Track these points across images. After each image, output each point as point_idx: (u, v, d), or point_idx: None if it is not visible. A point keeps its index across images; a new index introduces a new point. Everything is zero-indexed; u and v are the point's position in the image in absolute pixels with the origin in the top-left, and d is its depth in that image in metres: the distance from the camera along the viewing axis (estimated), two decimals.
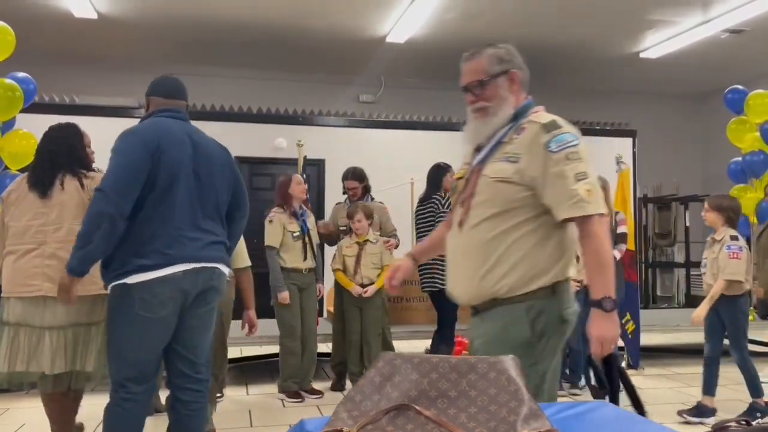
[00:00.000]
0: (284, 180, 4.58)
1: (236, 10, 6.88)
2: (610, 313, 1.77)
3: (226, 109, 7.98)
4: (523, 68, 2.12)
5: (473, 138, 2.08)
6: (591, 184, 1.83)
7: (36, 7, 6.71)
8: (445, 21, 7.15)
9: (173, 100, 2.67)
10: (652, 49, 8.18)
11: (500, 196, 1.89)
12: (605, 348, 1.78)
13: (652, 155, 9.10)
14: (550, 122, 1.93)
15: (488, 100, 2.03)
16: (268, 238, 4.40)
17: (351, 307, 4.58)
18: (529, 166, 1.87)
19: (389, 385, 1.53)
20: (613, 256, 4.72)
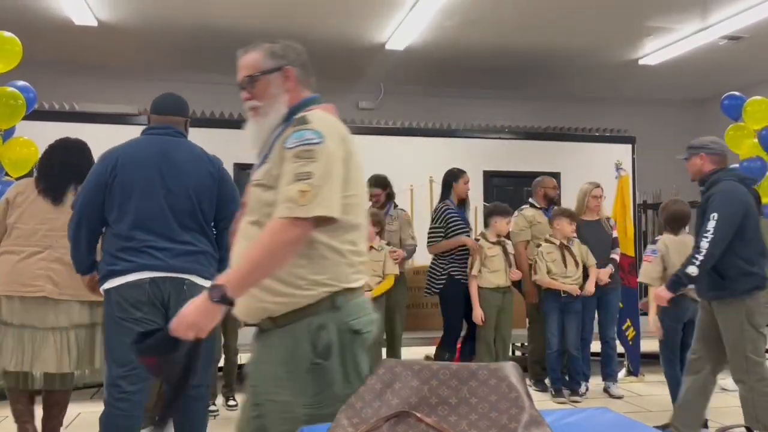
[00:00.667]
0: None
1: (235, 18, 6.90)
2: (214, 304, 1.58)
3: (225, 116, 7.98)
4: (303, 65, 1.94)
5: (252, 139, 1.91)
6: (310, 185, 1.61)
7: (36, 15, 6.73)
8: (444, 28, 7.18)
9: (164, 116, 2.85)
10: (651, 56, 8.20)
11: (257, 202, 1.74)
12: (184, 332, 1.58)
13: (651, 161, 9.10)
14: (301, 118, 1.74)
15: (260, 98, 1.86)
16: None
17: None
18: (273, 166, 1.72)
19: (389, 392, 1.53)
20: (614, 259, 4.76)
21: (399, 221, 4.90)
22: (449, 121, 8.82)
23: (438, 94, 9.57)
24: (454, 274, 4.76)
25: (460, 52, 8.01)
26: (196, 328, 1.58)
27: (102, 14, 6.80)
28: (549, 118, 9.55)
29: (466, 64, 8.50)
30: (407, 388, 1.47)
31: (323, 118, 1.76)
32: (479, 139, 7.82)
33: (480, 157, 7.36)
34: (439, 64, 8.53)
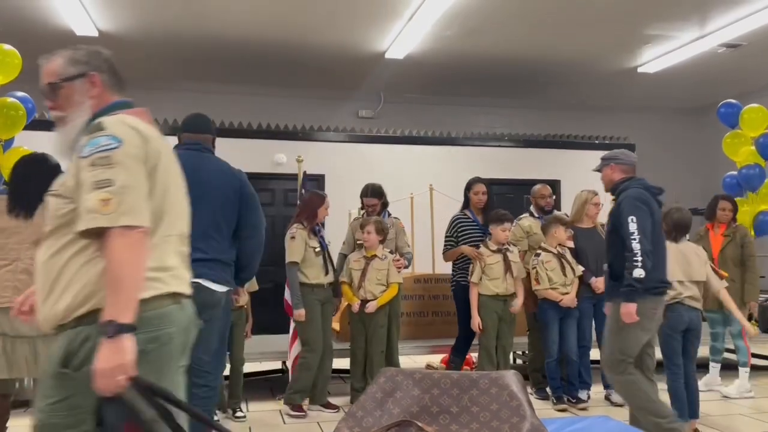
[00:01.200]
0: (315, 198, 4.55)
1: (236, 28, 6.93)
2: (114, 339, 1.50)
3: (226, 125, 8.01)
4: (111, 69, 1.86)
5: (59, 150, 1.84)
6: (112, 192, 1.56)
7: (37, 25, 6.76)
8: (443, 37, 7.21)
9: (195, 134, 3.11)
10: (649, 64, 8.23)
11: (53, 212, 1.70)
12: (108, 383, 1.49)
13: (651, 169, 9.09)
14: (96, 124, 1.67)
15: (62, 107, 1.79)
16: (292, 254, 4.36)
17: (356, 322, 4.57)
18: (69, 176, 1.67)
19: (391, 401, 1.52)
20: None
21: (394, 229, 4.92)
22: (449, 129, 8.85)
23: (438, 103, 9.59)
24: (460, 281, 4.86)
25: (460, 60, 8.04)
26: (118, 371, 1.51)
27: (103, 25, 6.83)
28: (548, 126, 9.58)
29: (465, 72, 8.53)
30: (408, 397, 1.47)
31: (121, 122, 1.69)
32: (479, 147, 7.85)
33: (480, 165, 7.38)
34: (438, 73, 8.56)
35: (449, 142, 7.98)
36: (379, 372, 1.67)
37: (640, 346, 3.42)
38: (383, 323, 4.59)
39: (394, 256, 4.70)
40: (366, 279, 4.52)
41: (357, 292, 4.54)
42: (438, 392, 1.51)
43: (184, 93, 8.79)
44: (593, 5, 6.42)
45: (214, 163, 3.04)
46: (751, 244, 5.10)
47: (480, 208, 4.99)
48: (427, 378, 1.54)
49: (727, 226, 5.16)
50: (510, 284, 4.67)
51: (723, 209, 5.15)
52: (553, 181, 7.64)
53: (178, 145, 3.05)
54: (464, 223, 4.97)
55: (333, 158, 7.22)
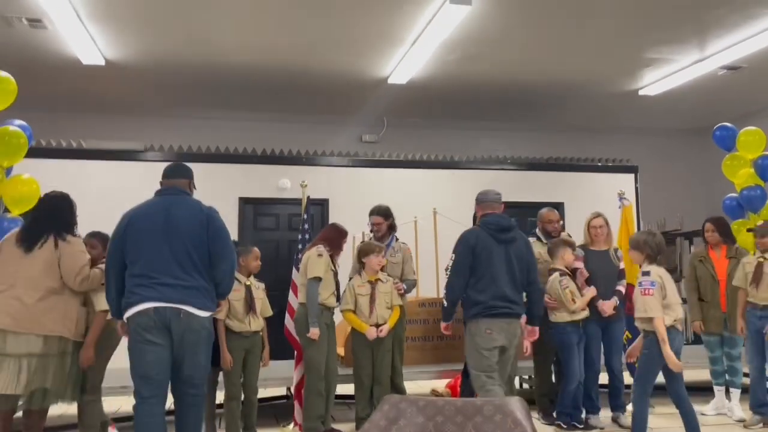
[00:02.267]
0: (341, 230, 4.63)
1: (240, 55, 7.02)
2: None
3: (231, 151, 8.07)
4: None
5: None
6: None
7: (46, 55, 6.87)
8: (446, 62, 7.28)
9: (171, 179, 3.53)
10: (650, 86, 8.29)
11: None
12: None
13: (654, 191, 9.12)
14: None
15: None
16: (317, 270, 4.33)
17: (362, 348, 4.52)
18: None
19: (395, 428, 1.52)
20: (620, 291, 4.73)
21: (401, 254, 4.91)
22: (452, 153, 8.89)
23: (440, 127, 9.66)
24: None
25: (462, 85, 8.11)
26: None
27: (109, 53, 6.93)
28: (551, 149, 9.62)
29: (467, 96, 8.60)
30: (412, 425, 1.46)
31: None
32: (482, 170, 7.87)
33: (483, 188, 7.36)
34: (441, 97, 8.63)
35: (452, 165, 8.01)
36: (382, 399, 1.66)
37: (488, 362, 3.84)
38: (390, 347, 4.58)
39: (393, 281, 4.69)
40: (376, 304, 4.50)
41: (368, 317, 4.49)
42: (442, 419, 1.50)
43: (190, 120, 8.89)
44: (594, 29, 6.50)
45: (186, 203, 3.45)
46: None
47: None
48: (431, 405, 1.53)
49: (728, 248, 5.16)
50: None
51: (707, 231, 5.21)
52: (557, 204, 7.64)
53: (157, 191, 3.49)
54: None
55: (336, 183, 7.25)
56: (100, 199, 6.51)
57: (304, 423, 4.38)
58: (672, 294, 3.83)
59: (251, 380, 4.21)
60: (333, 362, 4.51)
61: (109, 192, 6.61)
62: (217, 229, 3.40)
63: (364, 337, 4.47)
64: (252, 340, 4.18)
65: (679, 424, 4.35)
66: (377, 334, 4.43)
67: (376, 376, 4.51)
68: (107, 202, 6.51)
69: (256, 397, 4.29)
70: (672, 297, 3.82)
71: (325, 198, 7.19)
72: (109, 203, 6.50)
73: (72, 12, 5.84)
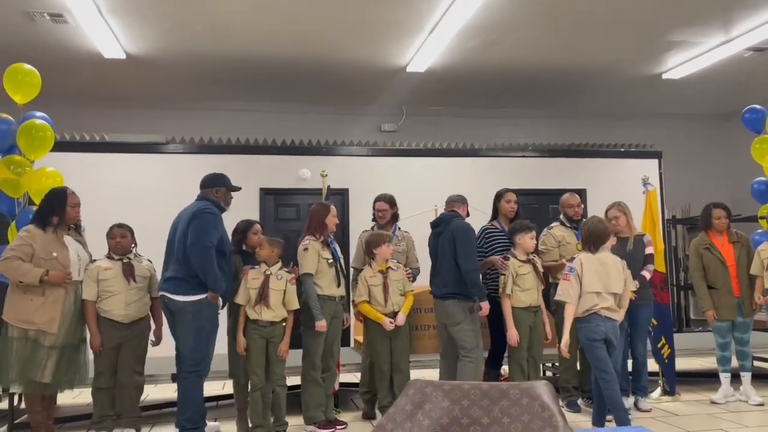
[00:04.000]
0: (320, 209, 4.54)
1: (259, 46, 7.04)
2: None
3: (251, 142, 8.10)
4: None
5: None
6: None
7: (68, 50, 6.95)
8: (465, 49, 7.22)
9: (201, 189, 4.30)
10: (674, 70, 8.14)
11: None
12: None
13: (679, 176, 8.98)
14: None
15: None
16: (306, 266, 4.37)
17: (380, 337, 4.53)
18: None
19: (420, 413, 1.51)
20: (644, 276, 4.71)
21: (405, 243, 4.92)
22: (472, 140, 8.83)
23: (460, 115, 9.60)
24: (490, 293, 4.78)
25: (482, 72, 8.04)
26: None
27: (130, 47, 6.99)
28: (573, 135, 9.51)
29: (487, 83, 8.53)
30: (438, 409, 1.46)
31: None
32: (502, 157, 7.80)
33: (504, 176, 7.33)
34: (460, 85, 8.57)
35: (472, 153, 7.95)
36: (407, 384, 1.66)
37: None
38: (407, 334, 4.61)
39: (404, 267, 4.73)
40: (389, 292, 4.52)
41: (384, 306, 4.51)
42: (468, 403, 1.49)
43: (210, 112, 8.94)
44: (615, 13, 6.39)
45: (191, 205, 4.19)
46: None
47: (510, 218, 4.97)
48: (457, 389, 1.53)
49: (728, 233, 5.11)
50: (540, 295, 4.63)
51: (719, 217, 5.11)
52: (579, 191, 7.55)
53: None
54: (493, 234, 4.96)
55: (356, 172, 7.24)
56: (123, 192, 6.59)
57: (304, 413, 4.42)
58: (590, 283, 4.02)
59: (274, 370, 4.18)
60: (336, 352, 4.53)
61: (132, 184, 6.68)
62: (193, 226, 3.99)
63: (380, 326, 4.48)
64: (270, 330, 4.14)
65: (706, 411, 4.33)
66: (394, 325, 4.45)
67: (395, 363, 4.52)
68: (130, 194, 6.60)
69: (284, 388, 4.23)
70: (589, 286, 4.02)
71: (345, 188, 7.18)
72: (131, 195, 6.60)
73: (93, 6, 5.89)
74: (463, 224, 4.53)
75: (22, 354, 3.90)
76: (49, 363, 3.92)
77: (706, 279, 5.07)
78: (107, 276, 4.13)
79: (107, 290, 4.12)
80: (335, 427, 4.39)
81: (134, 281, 4.18)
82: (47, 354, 3.91)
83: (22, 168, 4.60)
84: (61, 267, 3.95)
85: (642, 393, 4.84)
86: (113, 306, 4.11)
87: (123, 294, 4.14)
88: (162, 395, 5.45)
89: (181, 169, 6.69)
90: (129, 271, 4.18)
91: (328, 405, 4.49)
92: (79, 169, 6.20)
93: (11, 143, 4.67)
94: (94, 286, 4.11)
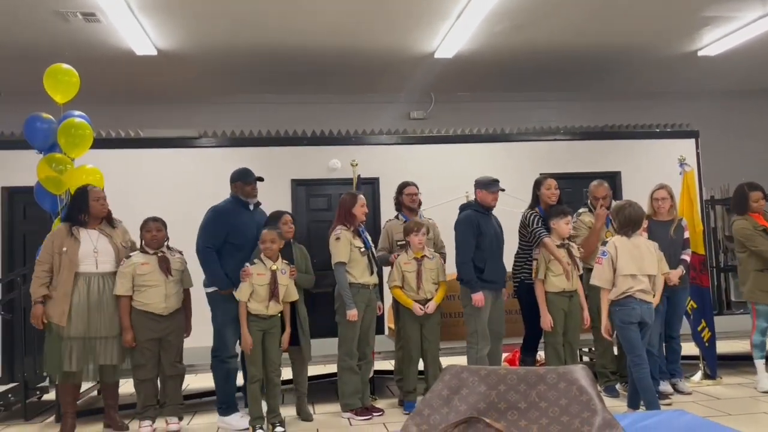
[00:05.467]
0: (347, 199, 4.58)
1: (287, 38, 7.06)
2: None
3: (281, 134, 8.16)
4: None
5: None
6: None
7: (101, 49, 7.08)
8: (493, 33, 7.13)
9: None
10: (710, 47, 7.91)
11: None
12: None
13: (717, 155, 8.75)
14: None
15: None
16: (338, 255, 4.42)
17: (410, 322, 4.57)
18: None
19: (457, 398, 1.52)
20: (685, 260, 4.64)
21: (432, 229, 4.93)
22: (502, 125, 8.74)
23: (489, 100, 9.50)
24: (524, 278, 4.82)
25: (510, 55, 7.94)
26: None
27: (161, 43, 7.09)
28: (606, 117, 9.34)
29: (516, 67, 8.42)
30: (475, 394, 1.46)
31: None
32: (534, 142, 7.71)
33: (536, 160, 7.25)
34: (489, 70, 8.48)
35: (503, 138, 7.87)
36: (443, 369, 1.67)
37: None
38: (439, 320, 4.61)
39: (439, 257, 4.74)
40: (422, 279, 4.53)
41: (416, 293, 4.54)
42: (505, 388, 1.49)
43: (240, 105, 9.03)
44: None
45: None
46: None
47: (550, 205, 4.91)
48: (493, 374, 1.53)
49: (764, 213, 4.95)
50: (575, 280, 4.58)
51: (757, 200, 4.95)
52: (613, 173, 7.43)
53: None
54: (534, 221, 4.87)
55: (386, 161, 7.24)
56: (159, 185, 6.71)
57: (341, 400, 4.48)
58: (624, 266, 3.97)
59: (270, 359, 4.14)
60: (371, 339, 4.57)
61: (168, 178, 6.80)
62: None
63: (412, 312, 4.51)
64: (269, 322, 4.13)
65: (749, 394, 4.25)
66: (424, 311, 4.47)
67: (425, 350, 4.55)
68: (166, 188, 6.72)
69: (278, 378, 4.19)
70: (623, 269, 3.97)
71: (376, 177, 7.18)
72: (167, 189, 6.72)
73: (123, 4, 5.98)
74: (460, 217, 4.62)
75: (51, 345, 4.11)
76: (71, 353, 4.08)
77: (755, 262, 4.87)
78: (145, 270, 4.21)
79: (146, 284, 4.20)
80: (372, 414, 4.44)
81: (170, 275, 4.27)
82: (68, 345, 4.08)
83: (63, 165, 4.72)
84: (68, 261, 4.11)
85: (679, 375, 4.81)
86: (153, 299, 4.20)
87: (162, 287, 4.23)
88: (202, 384, 5.57)
89: (214, 163, 6.78)
90: (165, 265, 4.27)
91: (365, 392, 4.53)
92: (117, 165, 6.33)
93: (52, 142, 4.80)
94: (127, 282, 4.19)
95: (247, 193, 4.51)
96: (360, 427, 4.23)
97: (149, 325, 4.20)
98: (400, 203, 4.98)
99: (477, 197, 4.69)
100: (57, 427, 4.36)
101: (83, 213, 4.24)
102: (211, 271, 4.32)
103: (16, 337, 6.21)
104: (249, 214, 4.50)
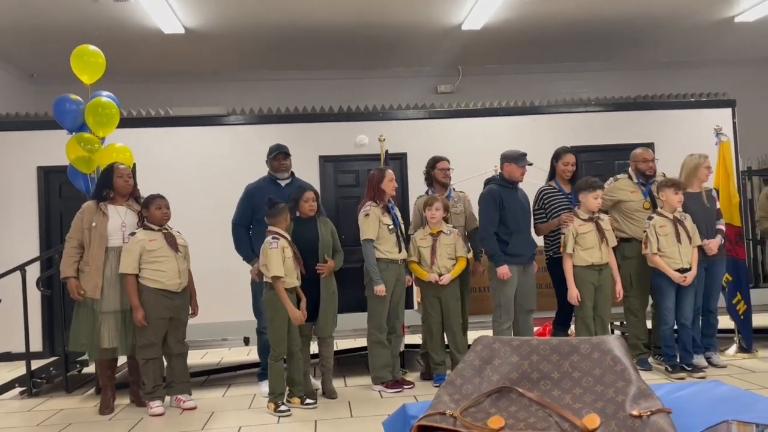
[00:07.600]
0: (377, 175, 4.53)
1: (315, 14, 7.02)
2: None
3: (308, 110, 8.16)
4: None
5: None
6: None
7: (129, 29, 7.14)
8: (522, 3, 6.99)
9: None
10: (747, 12, 7.65)
11: None
12: None
13: (754, 125, 8.51)
14: None
15: None
16: (367, 232, 4.42)
17: (430, 297, 4.60)
18: None
19: (489, 368, 1.52)
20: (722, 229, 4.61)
21: (462, 204, 4.87)
22: (532, 97, 8.58)
23: (518, 72, 9.35)
24: (553, 254, 4.82)
25: (540, 25, 7.78)
26: None
27: (188, 22, 7.11)
28: (639, 87, 9.11)
29: (546, 37, 8.24)
30: (507, 364, 1.46)
31: None
32: (564, 114, 7.58)
33: (566, 132, 7.13)
34: (517, 40, 8.32)
35: (532, 111, 7.74)
36: (475, 341, 1.67)
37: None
38: (458, 296, 4.61)
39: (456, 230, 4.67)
40: (437, 255, 4.53)
41: (430, 268, 4.55)
42: (537, 358, 1.49)
43: (267, 82, 9.04)
44: None
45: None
46: None
47: (566, 179, 4.88)
48: (526, 345, 1.52)
49: None
50: (605, 253, 4.52)
51: None
52: (647, 144, 7.26)
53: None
54: (551, 195, 4.89)
55: (414, 136, 7.20)
56: (188, 163, 6.79)
57: (372, 373, 4.52)
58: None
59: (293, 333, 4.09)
60: (400, 313, 4.58)
61: (197, 156, 6.88)
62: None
63: (430, 286, 4.54)
64: (294, 295, 4.09)
65: None
66: (437, 281, 4.48)
67: (445, 323, 4.57)
68: (195, 166, 6.80)
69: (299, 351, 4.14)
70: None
71: (403, 152, 7.15)
72: (196, 166, 6.80)
73: None
74: (483, 191, 4.66)
75: (84, 320, 4.17)
76: (104, 328, 4.15)
77: None
78: (154, 246, 4.14)
79: (157, 260, 4.13)
80: (402, 386, 4.48)
81: (178, 251, 4.25)
82: (102, 320, 4.15)
83: (92, 145, 4.80)
84: (98, 236, 4.18)
85: (714, 349, 4.75)
86: (167, 276, 4.14)
87: (174, 262, 4.19)
88: (236, 358, 5.68)
89: (242, 140, 6.83)
90: (172, 242, 4.24)
91: (395, 365, 4.57)
92: (146, 143, 6.42)
93: (81, 122, 4.87)
94: (133, 260, 4.10)
95: (275, 168, 4.59)
96: (391, 400, 4.28)
97: (163, 303, 4.15)
98: (431, 178, 4.92)
99: (504, 171, 4.64)
100: (97, 398, 4.50)
101: (108, 189, 4.32)
102: (238, 246, 4.60)
103: (55, 312, 6.41)
104: (279, 190, 4.51)
